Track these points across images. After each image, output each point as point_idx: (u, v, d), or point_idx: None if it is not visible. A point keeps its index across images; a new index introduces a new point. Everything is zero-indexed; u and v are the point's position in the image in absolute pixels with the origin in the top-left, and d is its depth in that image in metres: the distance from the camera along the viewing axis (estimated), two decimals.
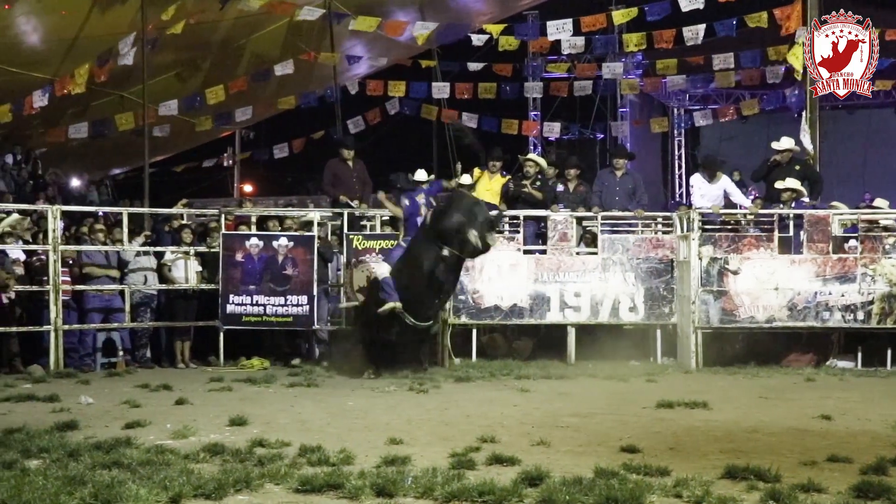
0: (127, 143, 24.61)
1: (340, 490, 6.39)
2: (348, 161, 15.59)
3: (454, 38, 23.48)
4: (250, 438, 8.08)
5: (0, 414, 9.74)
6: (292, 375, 12.89)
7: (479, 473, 6.93)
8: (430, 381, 12.05)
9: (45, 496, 5.92)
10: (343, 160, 15.71)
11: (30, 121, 22.55)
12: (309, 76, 23.90)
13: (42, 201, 19.53)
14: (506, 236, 14.59)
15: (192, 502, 6.13)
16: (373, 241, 14.41)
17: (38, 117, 22.40)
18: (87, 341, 14.33)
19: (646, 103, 30.01)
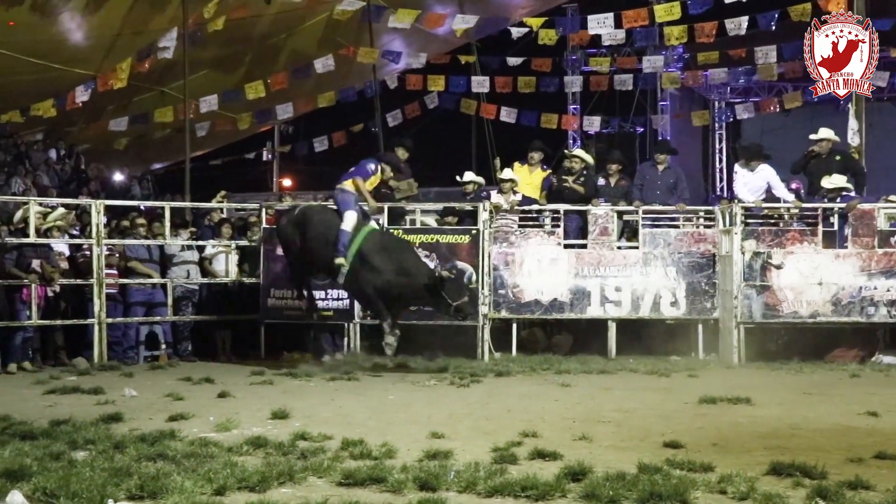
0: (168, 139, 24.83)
1: (383, 484, 6.38)
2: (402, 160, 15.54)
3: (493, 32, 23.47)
4: (292, 432, 8.10)
5: (47, 406, 9.84)
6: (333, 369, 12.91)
7: (521, 468, 6.90)
8: (471, 376, 12.04)
9: (92, 487, 5.96)
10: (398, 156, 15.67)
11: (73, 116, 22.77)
12: (348, 71, 23.95)
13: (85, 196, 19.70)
14: (546, 230, 14.55)
15: (237, 495, 6.14)
16: (413, 234, 14.40)
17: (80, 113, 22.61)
18: (131, 334, 14.46)
19: (686, 97, 29.81)
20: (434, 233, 14.44)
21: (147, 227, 14.95)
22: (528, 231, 14.58)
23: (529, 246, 14.46)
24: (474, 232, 14.21)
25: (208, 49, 21.43)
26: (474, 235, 14.18)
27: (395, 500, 6.03)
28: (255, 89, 22.42)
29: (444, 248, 14.21)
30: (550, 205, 14.84)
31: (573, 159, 15.42)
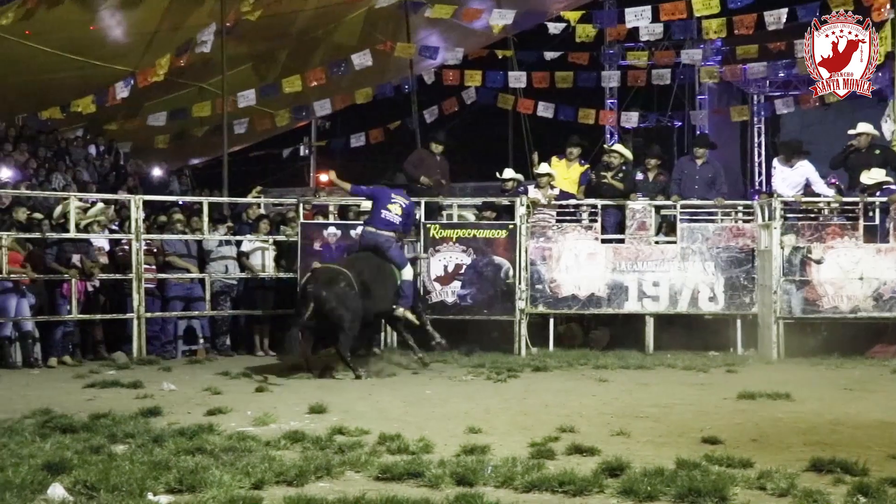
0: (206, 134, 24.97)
1: (420, 478, 6.38)
2: (436, 154, 15.54)
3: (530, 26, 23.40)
4: (330, 426, 8.11)
5: (87, 399, 9.93)
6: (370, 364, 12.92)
7: (558, 463, 6.88)
8: (508, 371, 12.02)
9: (131, 480, 5.99)
10: (431, 152, 15.67)
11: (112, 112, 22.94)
12: (385, 66, 23.97)
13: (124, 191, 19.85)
14: (584, 225, 14.51)
15: (275, 489, 6.16)
16: (449, 229, 14.41)
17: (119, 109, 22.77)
18: (169, 329, 14.56)
19: (725, 91, 29.57)
20: (472, 227, 14.43)
21: (185, 222, 15.04)
22: (566, 226, 14.55)
23: (567, 241, 14.43)
24: (511, 227, 14.19)
25: (246, 44, 21.53)
26: (511, 230, 14.17)
27: (432, 494, 6.02)
28: (291, 83, 22.50)
29: (482, 242, 14.21)
30: (588, 199, 14.79)
31: (612, 154, 15.34)
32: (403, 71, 24.77)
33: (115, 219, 15.50)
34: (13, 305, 13.04)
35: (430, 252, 14.29)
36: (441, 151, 15.54)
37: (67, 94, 21.99)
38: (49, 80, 21.21)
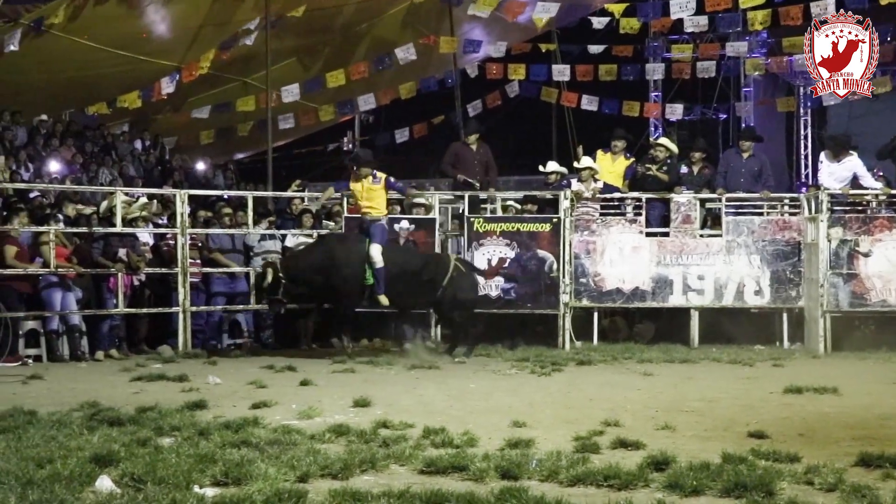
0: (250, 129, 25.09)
1: (465, 472, 6.37)
2: (471, 145, 15.50)
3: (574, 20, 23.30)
4: (374, 420, 8.13)
5: (133, 393, 10.01)
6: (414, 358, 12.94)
7: (603, 457, 6.85)
8: (552, 365, 11.99)
9: (178, 473, 6.03)
10: (466, 144, 15.65)
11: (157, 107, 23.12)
12: (428, 60, 23.97)
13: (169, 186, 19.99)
14: (628, 218, 14.44)
15: (320, 482, 6.18)
16: (493, 223, 14.39)
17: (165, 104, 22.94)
18: (213, 323, 14.65)
19: (770, 82, 29.24)
20: (515, 221, 14.41)
21: (231, 216, 15.12)
22: (610, 219, 14.49)
23: (611, 234, 14.38)
24: (555, 220, 14.15)
25: (290, 39, 21.61)
26: (555, 224, 14.13)
27: (477, 488, 6.00)
28: (335, 78, 22.55)
29: (526, 236, 14.19)
30: (632, 193, 14.72)
31: (657, 148, 15.26)
32: (447, 65, 24.76)
33: (162, 213, 15.57)
34: (59, 299, 13.17)
35: (474, 246, 14.27)
36: (475, 141, 15.46)
37: (114, 89, 22.18)
38: (95, 75, 21.41)
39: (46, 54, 19.70)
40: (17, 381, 11.08)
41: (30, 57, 19.27)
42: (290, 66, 23.23)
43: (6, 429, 7.61)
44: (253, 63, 21.87)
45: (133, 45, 20.81)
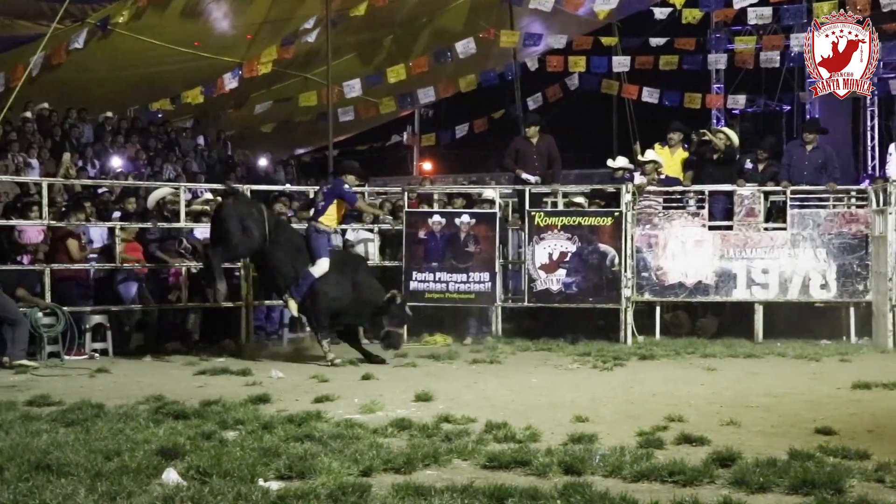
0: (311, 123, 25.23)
1: (528, 467, 6.36)
2: (531, 138, 15.44)
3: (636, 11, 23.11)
4: (436, 414, 8.14)
5: (197, 386, 10.12)
6: (474, 352, 12.96)
7: (667, 453, 6.80)
8: (614, 359, 11.92)
9: (243, 466, 6.08)
10: (525, 137, 15.59)
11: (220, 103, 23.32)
12: (488, 54, 23.92)
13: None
14: (691, 212, 14.30)
15: (383, 476, 6.19)
16: (554, 217, 14.33)
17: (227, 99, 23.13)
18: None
19: None
20: (576, 215, 14.34)
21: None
22: (672, 212, 14.35)
23: (673, 228, 14.24)
24: (617, 214, 14.06)
25: (350, 34, 21.68)
26: (617, 217, 14.04)
27: (540, 483, 5.98)
28: (396, 73, 22.59)
29: (587, 230, 14.12)
30: (694, 186, 14.58)
31: (718, 135, 15.12)
32: (506, 58, 24.69)
33: None
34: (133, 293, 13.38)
35: (535, 240, 14.22)
36: (535, 133, 15.38)
37: (177, 86, 22.41)
38: (159, 72, 21.67)
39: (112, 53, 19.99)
40: (84, 374, 11.26)
41: (96, 55, 19.56)
42: (351, 62, 23.31)
43: (75, 421, 7.75)
44: (313, 59, 21.98)
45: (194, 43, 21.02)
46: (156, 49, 20.52)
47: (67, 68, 19.60)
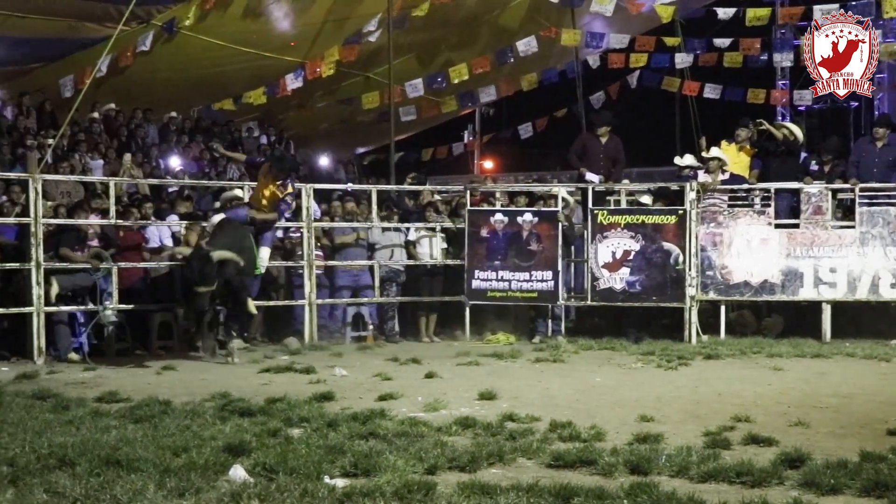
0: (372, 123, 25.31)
1: (593, 466, 6.32)
2: (601, 137, 15.33)
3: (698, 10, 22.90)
4: (500, 413, 8.12)
5: (262, 384, 10.19)
6: (538, 351, 12.94)
7: (734, 453, 6.73)
8: (679, 359, 11.82)
9: (308, 464, 6.11)
10: (595, 135, 15.47)
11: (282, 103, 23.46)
12: (550, 51, 23.84)
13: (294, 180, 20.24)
14: (756, 210, 14.12)
15: (447, 474, 6.19)
16: (617, 215, 14.25)
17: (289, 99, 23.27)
18: (338, 315, 14.83)
19: None
20: (640, 213, 14.23)
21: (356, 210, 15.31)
22: (737, 211, 14.18)
23: (738, 226, 14.08)
24: (681, 212, 13.94)
25: (412, 33, 21.70)
26: (681, 216, 13.93)
27: (606, 483, 5.94)
28: (458, 73, 22.59)
29: (650, 228, 14.02)
30: (760, 184, 14.41)
31: (782, 129, 14.93)
32: (568, 56, 24.58)
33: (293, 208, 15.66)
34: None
35: (598, 238, 14.15)
36: (606, 133, 15.28)
37: (240, 86, 22.59)
38: (222, 73, 21.85)
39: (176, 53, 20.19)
40: (151, 371, 11.39)
41: (160, 56, 19.78)
42: (411, 61, 23.34)
43: (143, 418, 7.85)
44: (375, 58, 22.04)
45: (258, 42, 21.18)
46: (219, 49, 20.69)
47: (132, 69, 19.84)
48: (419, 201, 16.15)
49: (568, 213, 14.81)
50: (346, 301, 14.83)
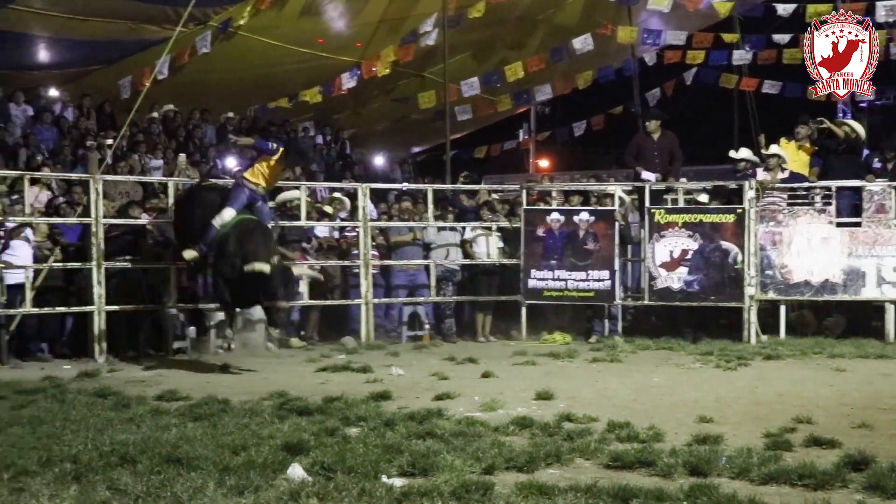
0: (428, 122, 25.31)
1: (652, 467, 6.27)
2: (652, 134, 15.19)
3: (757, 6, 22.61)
4: (557, 413, 8.08)
5: (319, 383, 10.23)
6: (594, 350, 12.88)
7: (796, 455, 6.63)
8: (738, 359, 11.69)
9: (366, 463, 6.12)
10: (646, 133, 15.35)
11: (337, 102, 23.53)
12: (605, 49, 23.68)
13: (349, 180, 20.33)
14: (817, 208, 13.93)
15: (505, 474, 6.17)
16: (675, 214, 14.13)
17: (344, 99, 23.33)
18: (394, 315, 14.86)
19: None
20: (698, 212, 14.11)
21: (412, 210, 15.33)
22: (797, 209, 14.00)
23: (798, 225, 13.90)
24: (740, 211, 13.79)
25: (467, 32, 21.68)
26: (740, 214, 13.77)
27: (665, 484, 5.89)
28: (514, 71, 22.53)
29: (708, 227, 13.89)
30: (821, 182, 14.21)
31: (843, 126, 14.71)
32: (624, 53, 24.42)
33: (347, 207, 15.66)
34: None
35: (655, 237, 14.04)
36: (656, 128, 15.11)
37: (296, 85, 22.69)
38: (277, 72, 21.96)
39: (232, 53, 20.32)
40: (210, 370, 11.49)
41: (217, 56, 19.91)
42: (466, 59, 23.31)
43: (202, 416, 7.92)
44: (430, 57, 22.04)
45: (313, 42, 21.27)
46: (275, 49, 20.81)
47: (190, 70, 20.01)
48: (475, 200, 16.13)
49: (624, 212, 14.73)
50: (402, 300, 14.87)
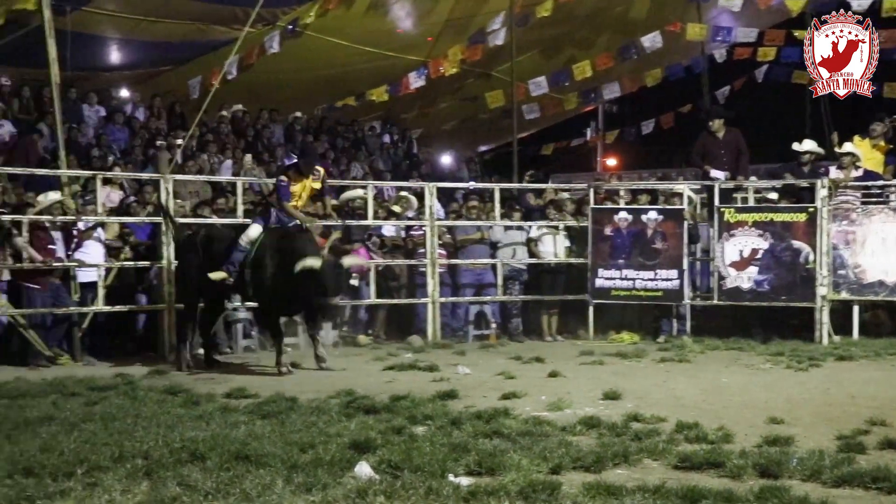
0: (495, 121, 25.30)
1: (721, 469, 6.20)
2: (717, 133, 15.02)
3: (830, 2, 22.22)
4: (625, 413, 8.04)
5: (386, 381, 10.27)
6: (663, 350, 12.78)
7: (870, 458, 6.51)
8: (809, 360, 11.52)
9: (433, 462, 6.12)
10: (711, 132, 15.18)
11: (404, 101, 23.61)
12: (674, 46, 23.46)
13: (416, 179, 20.39)
14: (892, 207, 13.67)
15: (572, 474, 6.14)
16: (745, 213, 13.96)
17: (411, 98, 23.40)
18: (460, 314, 14.87)
19: None
20: (769, 211, 13.93)
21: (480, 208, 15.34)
22: (872, 208, 13.75)
23: (872, 224, 13.65)
24: (812, 210, 13.58)
25: (535, 31, 21.62)
26: (812, 213, 13.56)
27: (734, 486, 5.82)
28: (582, 70, 22.42)
29: (779, 226, 13.70)
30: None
31: None
32: (693, 50, 24.17)
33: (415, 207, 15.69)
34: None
35: (725, 237, 13.87)
36: (720, 127, 14.93)
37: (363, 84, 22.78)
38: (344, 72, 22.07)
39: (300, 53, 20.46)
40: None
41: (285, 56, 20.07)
42: (533, 58, 23.24)
43: (270, 414, 7.99)
44: (497, 56, 22.02)
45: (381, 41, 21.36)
46: (342, 49, 20.91)
47: (258, 70, 20.19)
48: (542, 199, 16.08)
49: (693, 211, 14.59)
50: (468, 299, 14.87)
